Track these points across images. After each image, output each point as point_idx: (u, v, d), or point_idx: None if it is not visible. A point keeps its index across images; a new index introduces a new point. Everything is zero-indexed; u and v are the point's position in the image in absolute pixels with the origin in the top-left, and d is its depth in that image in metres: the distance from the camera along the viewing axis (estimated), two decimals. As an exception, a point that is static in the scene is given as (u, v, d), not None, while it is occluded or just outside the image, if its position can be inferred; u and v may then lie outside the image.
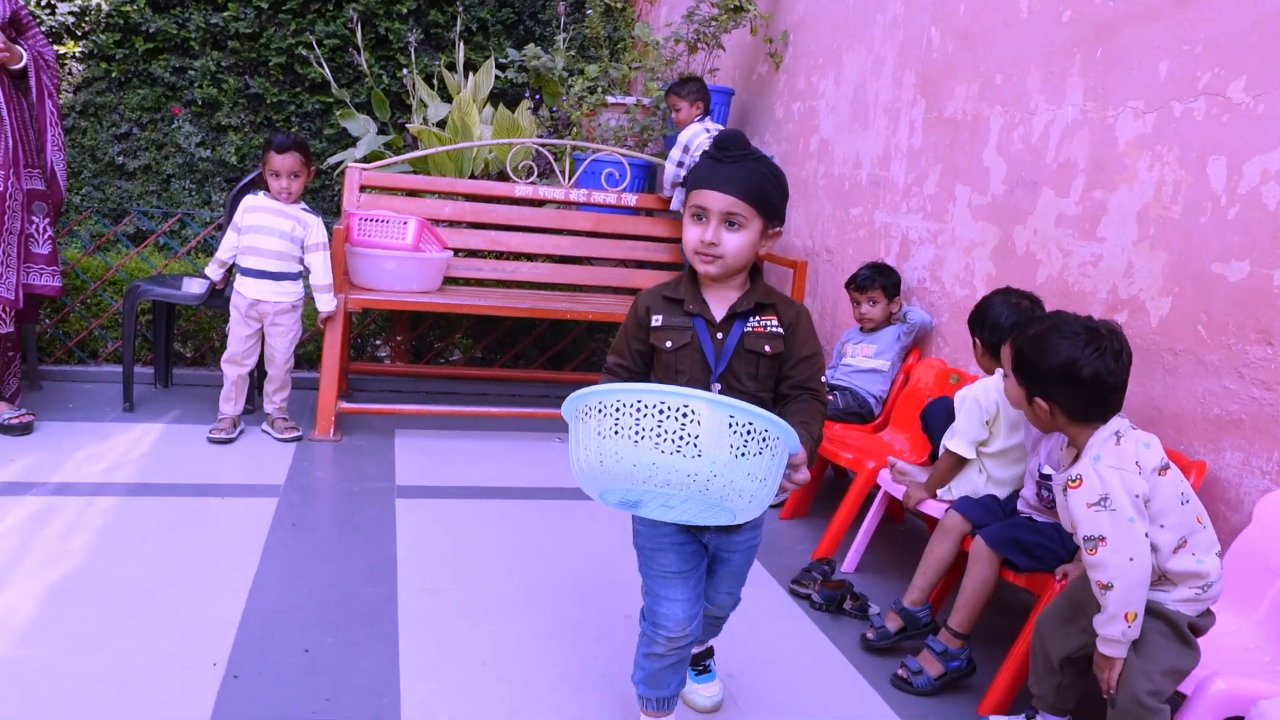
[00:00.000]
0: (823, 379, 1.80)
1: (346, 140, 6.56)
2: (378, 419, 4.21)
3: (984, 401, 2.58)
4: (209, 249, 5.09)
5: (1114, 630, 1.82)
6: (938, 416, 2.83)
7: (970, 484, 2.62)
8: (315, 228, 3.76)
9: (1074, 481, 1.87)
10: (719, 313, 1.79)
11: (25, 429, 3.60)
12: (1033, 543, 2.32)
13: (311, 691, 2.13)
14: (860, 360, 3.58)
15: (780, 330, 1.78)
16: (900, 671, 2.40)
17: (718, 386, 1.76)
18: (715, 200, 1.71)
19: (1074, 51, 2.93)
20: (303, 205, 3.78)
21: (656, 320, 1.80)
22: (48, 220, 3.65)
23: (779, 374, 1.79)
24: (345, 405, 3.95)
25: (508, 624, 2.50)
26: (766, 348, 1.77)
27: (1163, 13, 2.61)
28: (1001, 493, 2.59)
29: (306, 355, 4.74)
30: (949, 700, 2.37)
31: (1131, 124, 2.69)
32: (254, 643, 2.30)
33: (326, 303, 3.81)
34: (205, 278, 3.88)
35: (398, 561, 2.82)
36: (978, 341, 2.71)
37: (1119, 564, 1.80)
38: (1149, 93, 2.64)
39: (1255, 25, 2.33)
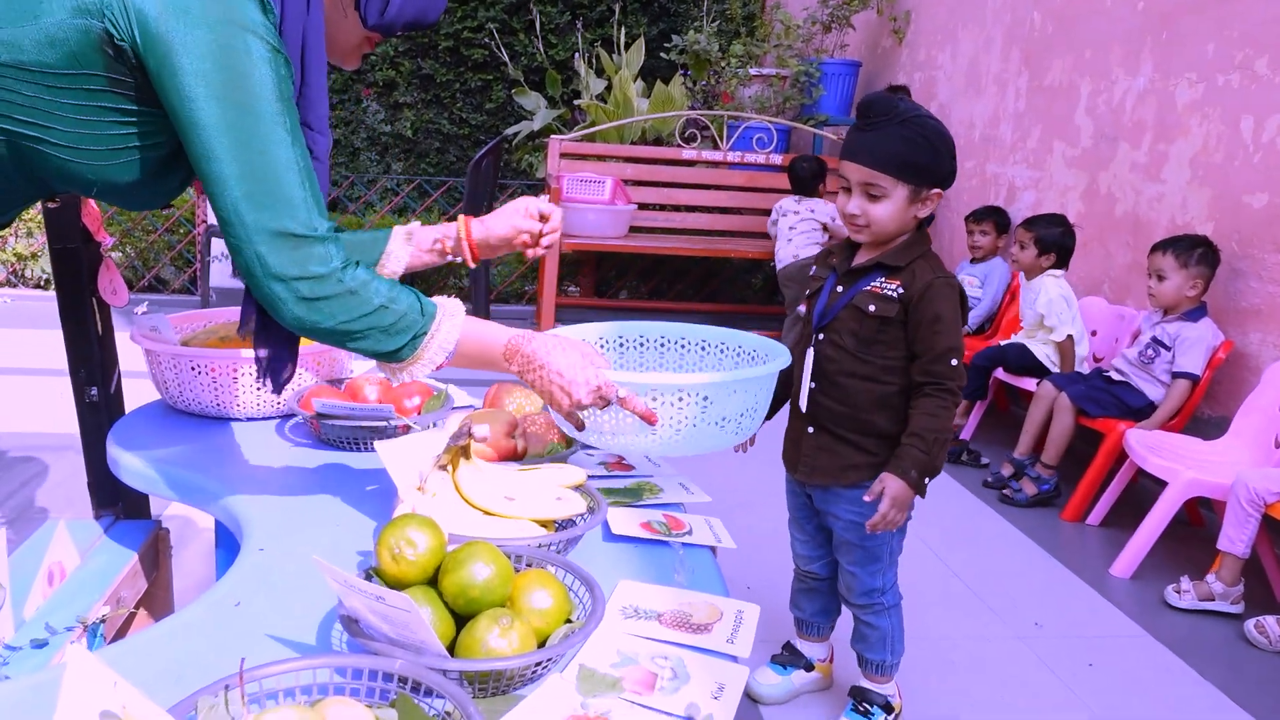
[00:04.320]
0: (954, 361, 1.68)
1: (506, 113, 7.66)
2: (582, 338, 5.33)
3: (1067, 295, 3.55)
4: (441, 209, 6.27)
5: None
6: (1014, 353, 3.75)
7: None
8: None
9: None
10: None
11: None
12: (1102, 399, 3.26)
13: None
14: (965, 289, 4.51)
15: (896, 295, 1.70)
16: (1006, 491, 3.39)
17: (820, 336, 1.78)
18: (853, 172, 1.69)
19: (1145, 34, 3.78)
20: None
21: (813, 269, 1.90)
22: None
23: (911, 349, 1.72)
24: (560, 327, 5.07)
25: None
26: (871, 307, 1.71)
27: (1208, 6, 3.45)
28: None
29: (514, 291, 5.90)
30: (1040, 512, 3.33)
31: (1186, 91, 3.55)
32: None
33: None
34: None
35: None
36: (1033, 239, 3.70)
37: None
38: (1199, 67, 3.49)
39: (1276, 17, 3.17)
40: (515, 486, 1.28)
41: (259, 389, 1.62)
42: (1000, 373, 3.83)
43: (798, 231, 4.88)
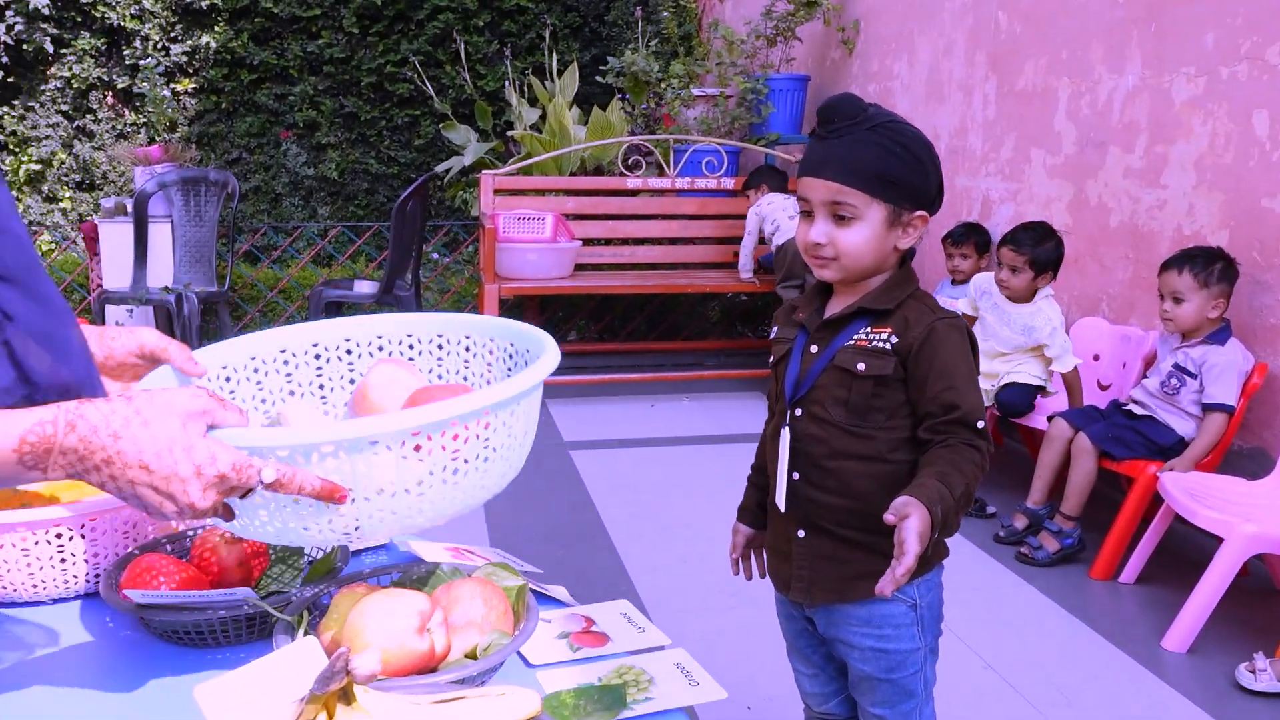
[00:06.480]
0: (979, 424, 1.29)
1: (437, 149, 7.18)
2: (530, 391, 4.84)
3: (1063, 319, 3.24)
4: (369, 255, 5.76)
5: None
6: (1015, 398, 3.30)
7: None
8: None
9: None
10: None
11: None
12: (1127, 438, 2.86)
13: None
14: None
15: (889, 347, 1.33)
16: (1024, 549, 2.97)
17: (798, 412, 1.40)
18: (816, 190, 1.35)
19: (1130, 28, 3.43)
20: None
21: (775, 330, 1.52)
22: None
23: (916, 412, 1.34)
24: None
25: (696, 533, 3.11)
26: (860, 365, 1.34)
27: (1206, -8, 3.11)
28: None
29: (453, 342, 5.40)
30: (1065, 570, 2.92)
31: (1185, 87, 3.20)
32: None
33: None
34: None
35: (590, 496, 3.44)
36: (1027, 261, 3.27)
37: None
38: (1198, 60, 3.14)
39: (1285, 0, 2.83)
40: (427, 740, 0.80)
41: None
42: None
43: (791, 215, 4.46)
